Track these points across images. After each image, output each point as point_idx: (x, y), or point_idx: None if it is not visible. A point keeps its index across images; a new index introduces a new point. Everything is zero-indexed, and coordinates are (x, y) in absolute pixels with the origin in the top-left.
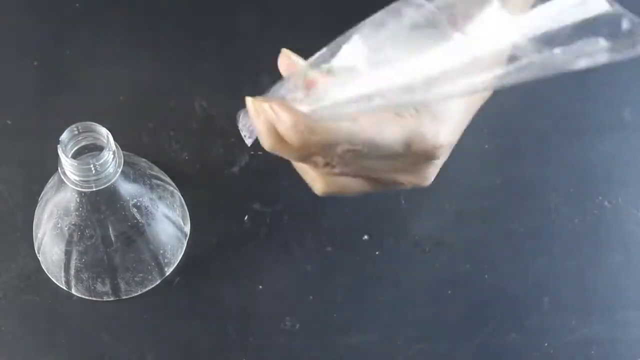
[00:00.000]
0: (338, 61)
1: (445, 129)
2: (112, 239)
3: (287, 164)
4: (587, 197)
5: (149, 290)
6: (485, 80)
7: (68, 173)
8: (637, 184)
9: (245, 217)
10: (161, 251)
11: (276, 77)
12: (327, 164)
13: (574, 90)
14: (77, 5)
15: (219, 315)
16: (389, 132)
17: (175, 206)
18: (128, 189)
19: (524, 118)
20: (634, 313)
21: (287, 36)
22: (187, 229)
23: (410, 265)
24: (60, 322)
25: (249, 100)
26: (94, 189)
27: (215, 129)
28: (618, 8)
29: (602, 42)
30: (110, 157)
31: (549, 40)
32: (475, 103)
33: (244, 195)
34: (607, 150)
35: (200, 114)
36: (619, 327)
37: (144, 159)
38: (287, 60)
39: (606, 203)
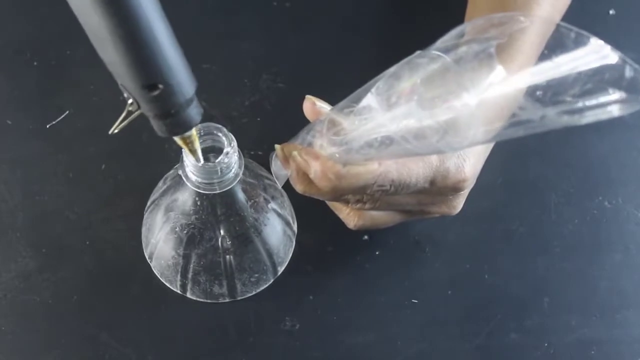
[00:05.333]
0: (360, 106)
1: (468, 163)
2: (231, 240)
3: None
4: (587, 197)
5: (149, 291)
6: (487, 131)
7: (190, 175)
8: (637, 184)
9: None
10: (275, 251)
11: (276, 77)
12: (358, 201)
13: None
14: None
15: (218, 315)
16: (414, 171)
17: (285, 205)
18: (246, 189)
19: None
20: (634, 313)
21: (287, 36)
22: (295, 227)
23: (410, 266)
24: (60, 322)
25: (278, 147)
26: (217, 191)
27: None
28: (619, 56)
29: (611, 95)
30: (235, 159)
31: (552, 95)
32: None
33: None
34: (607, 150)
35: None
36: (619, 327)
37: (249, 159)
38: (312, 106)
39: (606, 203)
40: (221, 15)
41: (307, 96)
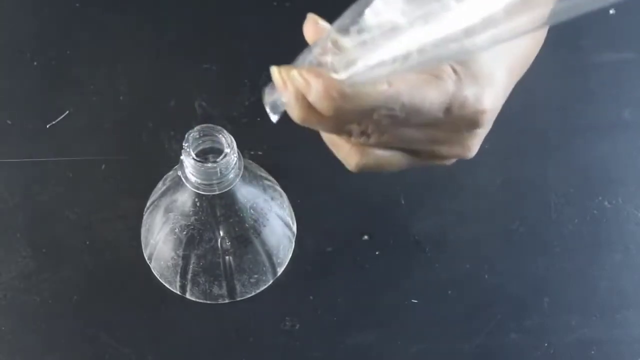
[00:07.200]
0: (370, 20)
1: (488, 93)
2: (231, 241)
3: (286, 163)
4: (587, 197)
5: (149, 291)
6: (529, 20)
7: (190, 176)
8: (637, 184)
9: None
10: (275, 251)
11: None
12: (362, 133)
13: (574, 90)
14: (77, 5)
15: (218, 316)
16: (428, 95)
17: (284, 206)
18: (245, 191)
19: (524, 118)
20: (634, 313)
21: (287, 36)
22: (295, 228)
23: (410, 265)
24: (60, 322)
25: (274, 69)
26: (217, 192)
27: None
28: None
29: None
30: (235, 160)
31: None
32: (518, 68)
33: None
34: (607, 150)
35: (200, 114)
36: (619, 327)
37: (249, 160)
38: (314, 26)
39: (606, 203)
40: (221, 15)
41: (309, 14)
